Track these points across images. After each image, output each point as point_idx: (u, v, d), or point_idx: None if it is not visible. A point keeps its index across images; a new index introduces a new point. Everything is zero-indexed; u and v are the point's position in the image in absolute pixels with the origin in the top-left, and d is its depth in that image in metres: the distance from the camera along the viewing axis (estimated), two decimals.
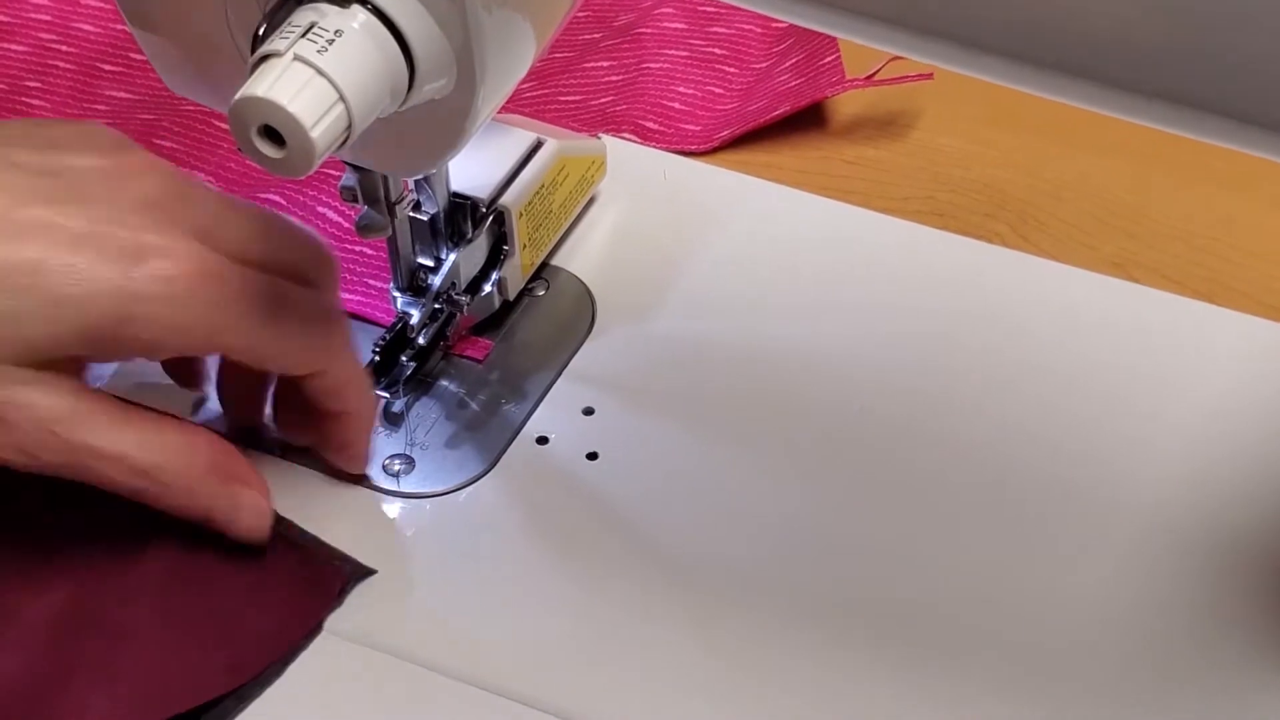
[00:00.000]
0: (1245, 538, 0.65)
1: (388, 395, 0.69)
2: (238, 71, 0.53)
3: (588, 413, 0.70)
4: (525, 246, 0.72)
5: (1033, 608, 0.63)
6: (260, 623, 0.61)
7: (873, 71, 0.83)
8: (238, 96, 0.52)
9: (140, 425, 0.60)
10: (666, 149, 0.82)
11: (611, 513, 0.66)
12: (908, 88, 0.83)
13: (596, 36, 0.88)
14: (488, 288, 0.71)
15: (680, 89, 0.85)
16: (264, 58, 0.52)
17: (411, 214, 0.68)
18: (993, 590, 0.64)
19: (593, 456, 0.68)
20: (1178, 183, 0.80)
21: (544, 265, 0.75)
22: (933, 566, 0.64)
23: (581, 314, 0.73)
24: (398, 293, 0.70)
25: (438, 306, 0.69)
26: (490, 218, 0.70)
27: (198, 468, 0.60)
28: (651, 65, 0.86)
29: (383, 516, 0.66)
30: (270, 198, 0.77)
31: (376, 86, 0.53)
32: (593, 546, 0.65)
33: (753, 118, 0.83)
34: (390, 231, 0.67)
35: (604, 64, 0.87)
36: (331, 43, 0.52)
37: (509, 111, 0.76)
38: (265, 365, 0.62)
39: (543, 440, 0.69)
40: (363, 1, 0.52)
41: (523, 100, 0.84)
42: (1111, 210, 0.79)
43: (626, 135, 0.82)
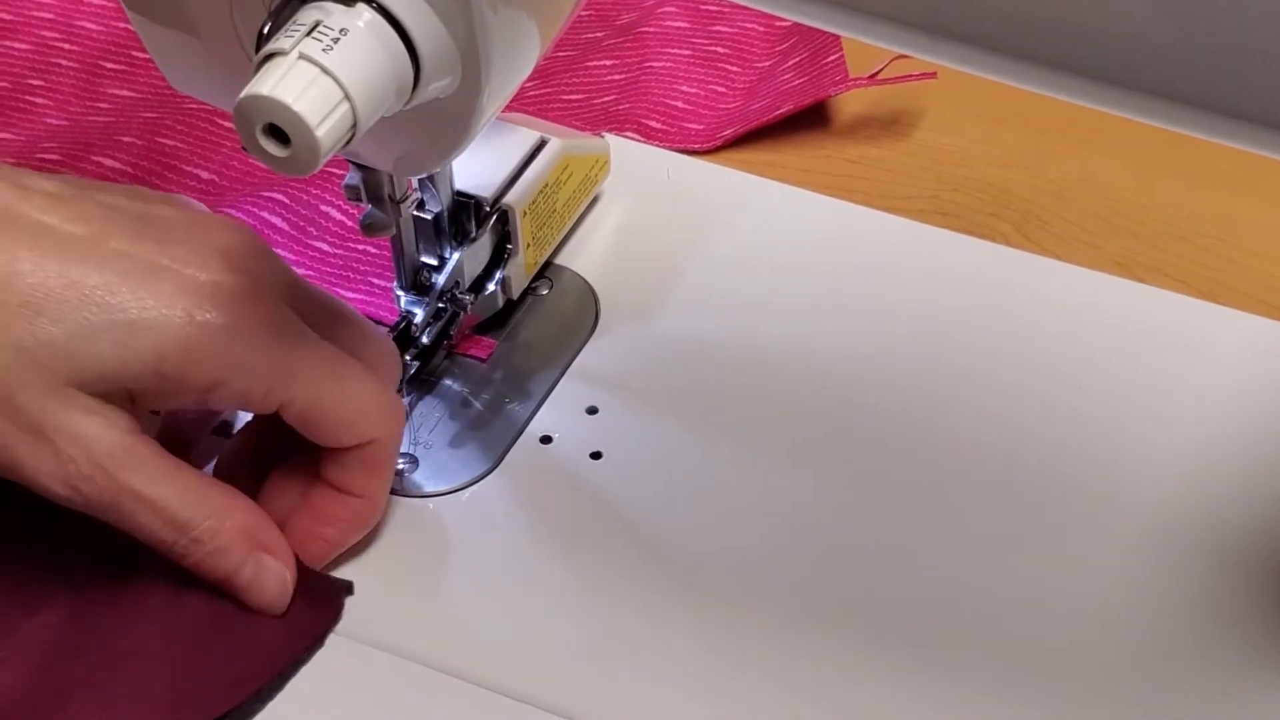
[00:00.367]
0: (1247, 537, 0.65)
1: None
2: (242, 69, 0.53)
3: (591, 412, 0.70)
4: (529, 245, 0.72)
5: (1034, 607, 0.63)
6: (262, 637, 0.61)
7: (876, 70, 0.83)
8: (242, 95, 0.51)
9: (185, 479, 0.60)
10: (670, 148, 0.82)
11: (615, 512, 0.66)
12: (911, 87, 0.83)
13: (599, 35, 0.88)
14: (491, 287, 0.71)
15: (683, 88, 0.85)
16: (269, 56, 0.52)
17: (415, 213, 0.68)
18: (994, 589, 0.64)
19: (596, 456, 0.68)
20: (1181, 182, 0.80)
21: (548, 264, 0.75)
22: (935, 566, 0.64)
23: (585, 313, 0.73)
24: (401, 291, 0.70)
25: (441, 305, 0.69)
26: (494, 216, 0.70)
27: (232, 530, 0.60)
28: (654, 64, 0.86)
29: (386, 516, 0.66)
30: (274, 196, 0.77)
31: (381, 85, 0.52)
32: (596, 546, 0.65)
33: (756, 117, 0.83)
34: (394, 230, 0.67)
35: (607, 63, 0.87)
36: (337, 41, 0.52)
37: (512, 110, 0.76)
38: (318, 427, 0.61)
39: (546, 439, 0.69)
40: (368, 0, 0.52)
41: (526, 99, 0.84)
42: (1115, 210, 0.79)
43: (629, 134, 0.82)
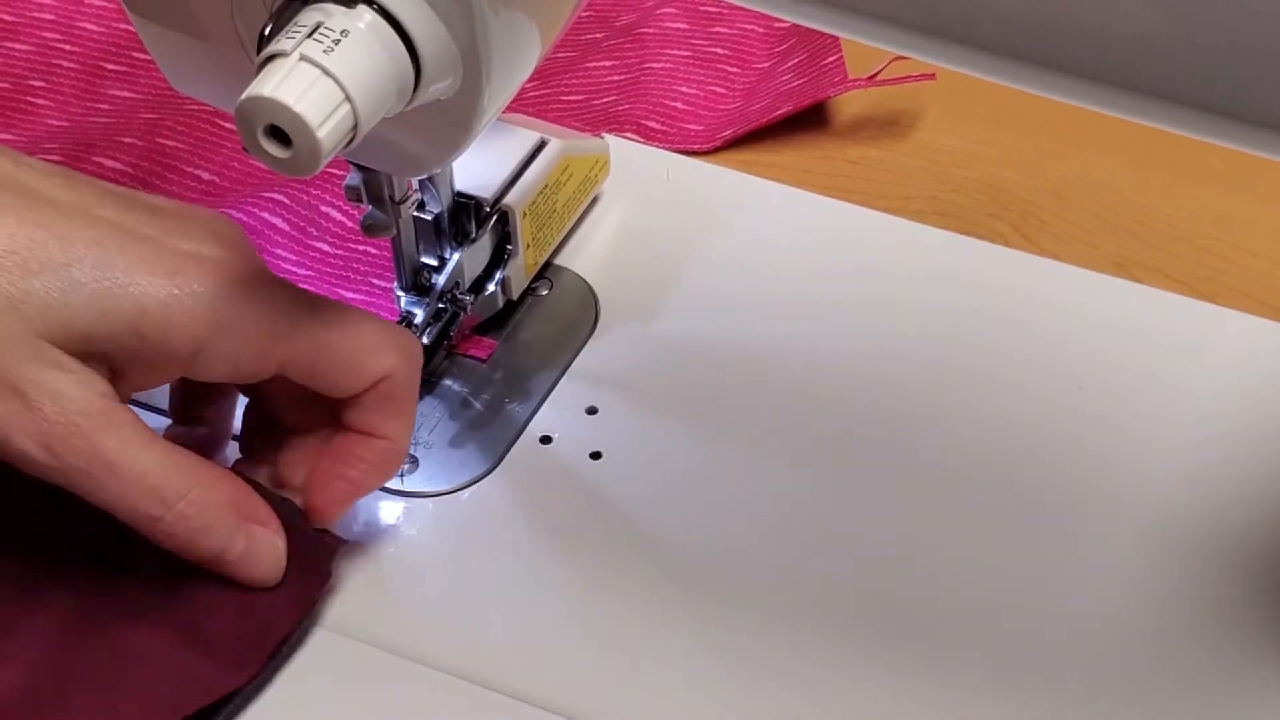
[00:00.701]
0: (1246, 537, 0.65)
1: None
2: (244, 71, 0.53)
3: (591, 412, 0.70)
4: (529, 246, 0.72)
5: (1032, 606, 0.63)
6: (259, 616, 0.61)
7: (875, 71, 0.83)
8: (244, 96, 0.52)
9: (165, 448, 0.59)
10: (669, 149, 0.82)
11: (615, 512, 0.66)
12: (910, 88, 0.83)
13: (599, 36, 0.88)
14: (491, 287, 0.71)
15: (683, 89, 0.86)
16: (270, 58, 0.52)
17: (415, 213, 0.68)
18: (992, 588, 0.64)
19: (596, 456, 0.68)
20: (1180, 182, 0.80)
21: (547, 265, 0.75)
22: (934, 566, 0.65)
23: (585, 313, 0.73)
24: (401, 292, 0.70)
25: (441, 306, 0.70)
26: (494, 217, 0.70)
27: (219, 502, 0.59)
28: (654, 65, 0.86)
29: (386, 515, 0.66)
30: (275, 197, 0.77)
31: (382, 86, 0.53)
32: (596, 546, 0.65)
33: (755, 117, 0.83)
34: (394, 231, 0.67)
35: (606, 64, 0.87)
36: (338, 43, 0.52)
37: (512, 111, 0.76)
38: (329, 375, 0.60)
39: (546, 440, 0.69)
40: (369, 1, 0.52)
41: (525, 100, 0.84)
42: (1114, 210, 0.79)
43: (629, 135, 0.82)
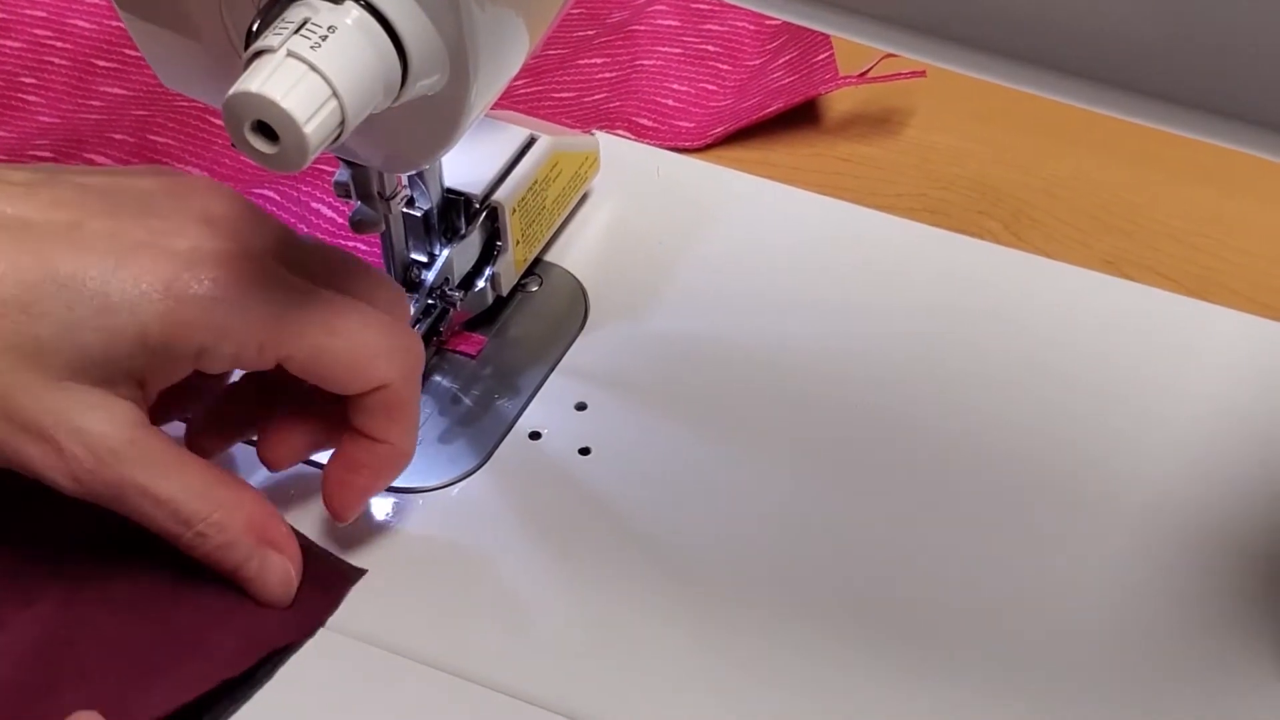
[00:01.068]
0: (1238, 534, 0.65)
1: None
2: (232, 67, 0.53)
3: (580, 408, 0.70)
4: (518, 242, 0.72)
5: (1026, 603, 0.63)
6: (257, 623, 0.61)
7: (866, 69, 0.83)
8: (231, 92, 0.52)
9: (192, 472, 0.60)
10: (660, 146, 0.82)
11: (603, 508, 0.66)
12: (901, 85, 0.83)
13: (590, 33, 0.88)
14: (481, 283, 0.71)
15: (674, 86, 0.86)
16: (257, 53, 0.52)
17: (405, 210, 0.68)
18: (986, 585, 0.64)
19: (585, 452, 0.68)
20: (1171, 180, 0.80)
21: (537, 261, 0.75)
22: (924, 562, 0.65)
23: (574, 310, 0.73)
24: None
25: (431, 302, 0.70)
26: (483, 214, 0.70)
27: (238, 525, 0.60)
28: (645, 62, 0.86)
29: (375, 511, 0.66)
30: (265, 193, 0.77)
31: (370, 82, 0.53)
32: (585, 541, 0.65)
33: (746, 115, 0.83)
34: (384, 227, 0.67)
35: (598, 61, 0.87)
36: (325, 39, 0.52)
37: (503, 108, 0.76)
38: (326, 377, 0.60)
39: (535, 435, 0.69)
40: None
41: (517, 97, 0.84)
42: (1105, 208, 0.80)
43: (620, 132, 0.82)
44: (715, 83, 0.86)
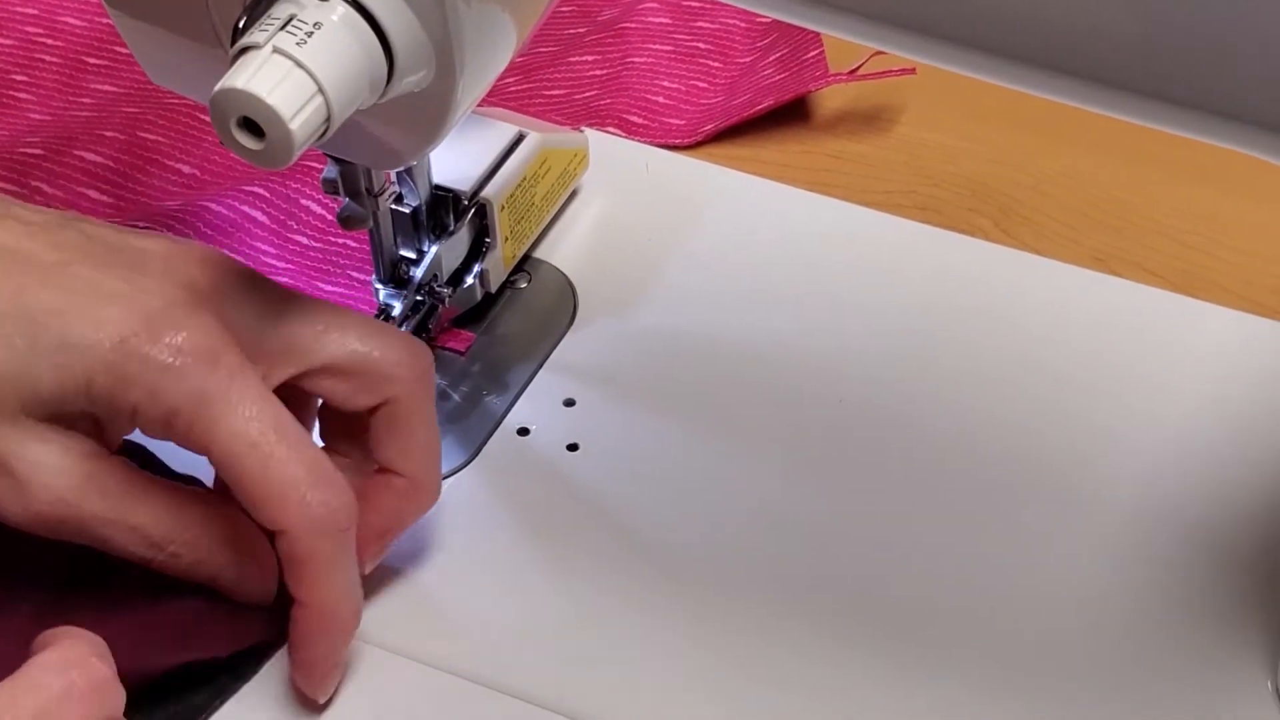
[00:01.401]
0: (1228, 531, 0.65)
1: None
2: (219, 63, 0.53)
3: (569, 404, 0.70)
4: (507, 239, 0.72)
5: (1015, 599, 0.63)
6: (234, 616, 0.61)
7: (856, 66, 0.83)
8: (217, 88, 0.52)
9: (155, 498, 0.58)
10: (651, 143, 0.82)
11: (592, 503, 0.67)
12: (891, 82, 0.83)
13: (581, 31, 0.89)
14: (470, 280, 0.71)
15: (664, 83, 0.86)
16: (243, 50, 0.52)
17: (393, 206, 0.68)
18: (976, 581, 0.64)
19: (573, 448, 0.68)
20: (1160, 178, 0.81)
21: (526, 258, 0.75)
22: (915, 557, 0.65)
23: (563, 306, 0.74)
24: (380, 285, 0.70)
25: (420, 299, 0.70)
26: (472, 210, 0.70)
27: (209, 543, 0.59)
28: (636, 60, 0.87)
29: None
30: (255, 190, 0.77)
31: (355, 79, 0.53)
32: (573, 537, 0.65)
33: (736, 112, 0.83)
34: (372, 223, 0.67)
35: (589, 58, 0.87)
36: (310, 35, 0.52)
37: (493, 105, 0.76)
38: (232, 488, 0.57)
39: (524, 431, 0.69)
40: None
41: (508, 95, 0.84)
42: (1094, 205, 0.80)
43: (611, 129, 0.83)
44: (706, 80, 0.86)
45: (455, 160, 0.70)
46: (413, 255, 0.70)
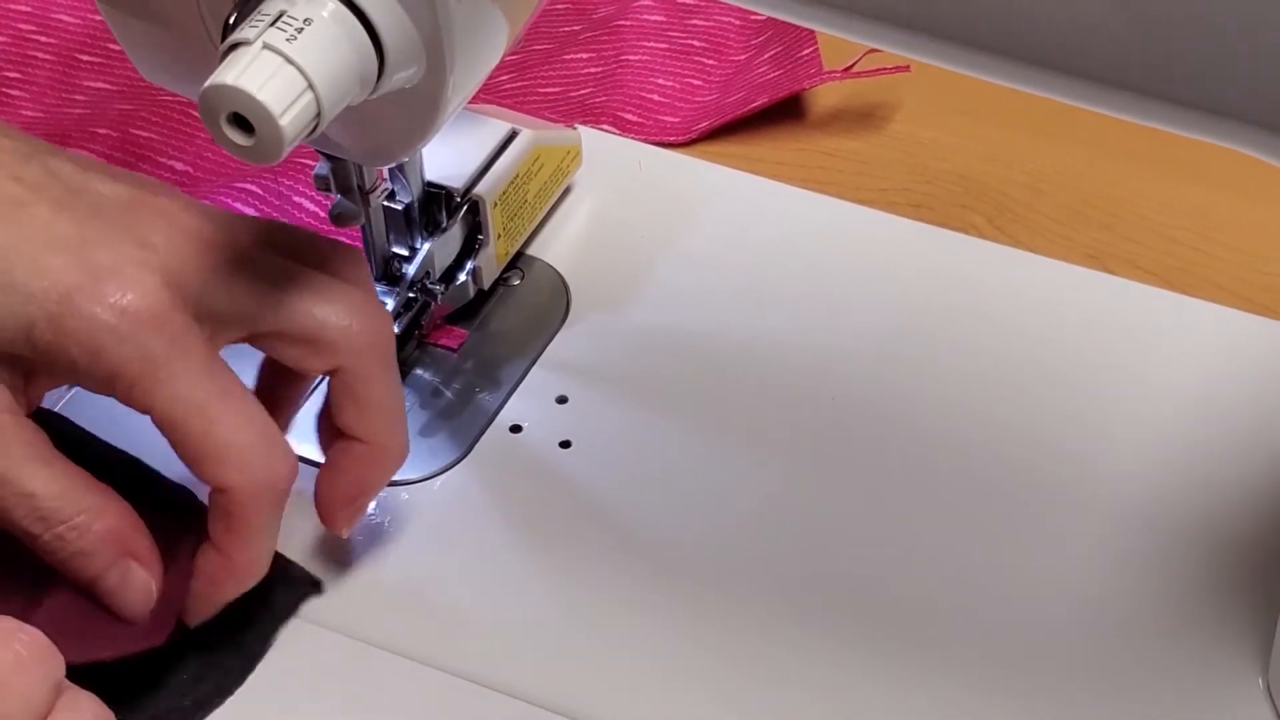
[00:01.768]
0: (1220, 528, 0.65)
1: None
2: (210, 59, 0.53)
3: (561, 401, 0.70)
4: (500, 236, 0.72)
5: (1006, 598, 0.64)
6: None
7: (850, 64, 0.83)
8: (207, 84, 0.52)
9: (57, 472, 0.57)
10: (646, 140, 0.82)
11: (584, 501, 0.67)
12: (885, 80, 0.83)
13: (576, 29, 0.89)
14: (462, 277, 0.71)
15: (659, 81, 0.86)
16: (233, 46, 0.52)
17: (386, 203, 0.68)
18: (967, 580, 0.64)
19: (566, 445, 0.68)
20: (1153, 175, 0.81)
21: (519, 255, 0.75)
22: (908, 555, 0.65)
23: (556, 303, 0.74)
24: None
25: (412, 295, 0.70)
26: (464, 207, 0.70)
27: (100, 532, 0.58)
28: (630, 57, 0.87)
29: None
30: (247, 187, 0.77)
31: (345, 75, 0.53)
32: (565, 534, 0.65)
33: (731, 109, 0.83)
34: (364, 220, 0.67)
35: (583, 56, 0.87)
36: (300, 31, 0.52)
37: (487, 102, 0.76)
38: (173, 446, 0.57)
39: (516, 428, 0.69)
40: None
41: (502, 92, 0.84)
42: (1087, 202, 0.80)
43: (606, 127, 0.82)
44: (701, 78, 0.86)
45: (448, 157, 0.70)
46: (405, 252, 0.70)
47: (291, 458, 0.59)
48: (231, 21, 0.53)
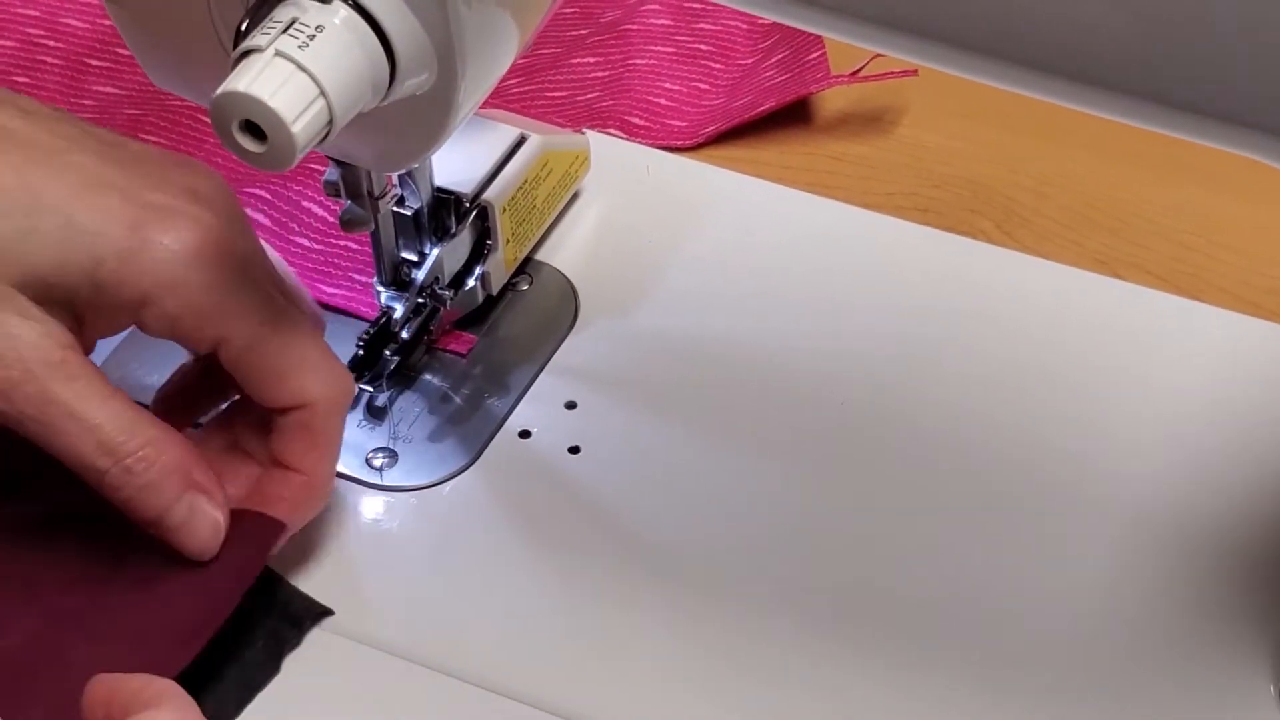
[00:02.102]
0: (1228, 533, 0.65)
1: (371, 389, 0.69)
2: (221, 66, 0.54)
3: (570, 407, 0.70)
4: (509, 241, 0.72)
5: (1013, 600, 0.64)
6: (203, 591, 0.60)
7: (857, 68, 0.83)
8: (219, 91, 0.52)
9: (120, 404, 0.58)
10: (653, 145, 0.82)
11: (593, 506, 0.67)
12: (893, 84, 0.83)
13: (583, 33, 0.89)
14: (471, 282, 0.71)
15: (666, 85, 0.86)
16: (246, 53, 0.52)
17: (395, 209, 0.68)
18: (974, 583, 0.64)
19: (575, 450, 0.68)
20: (1161, 180, 0.81)
21: (528, 260, 0.75)
22: (913, 560, 0.65)
23: (565, 309, 0.74)
24: (381, 287, 0.70)
25: (421, 301, 0.70)
26: (474, 213, 0.70)
27: (167, 463, 0.58)
28: (638, 61, 0.87)
29: (366, 510, 0.66)
30: (256, 192, 0.77)
31: (357, 82, 0.53)
32: (574, 539, 0.65)
33: (738, 114, 0.83)
34: (373, 226, 0.67)
35: (590, 60, 0.87)
36: (313, 38, 0.52)
37: (495, 107, 0.76)
38: (254, 375, 0.60)
39: (525, 434, 0.69)
40: None
41: (510, 96, 0.84)
42: (1095, 207, 0.80)
43: (613, 131, 0.83)
44: (708, 82, 0.86)
45: (457, 162, 0.70)
46: (414, 258, 0.70)
47: (352, 376, 0.63)
48: (243, 28, 0.53)
